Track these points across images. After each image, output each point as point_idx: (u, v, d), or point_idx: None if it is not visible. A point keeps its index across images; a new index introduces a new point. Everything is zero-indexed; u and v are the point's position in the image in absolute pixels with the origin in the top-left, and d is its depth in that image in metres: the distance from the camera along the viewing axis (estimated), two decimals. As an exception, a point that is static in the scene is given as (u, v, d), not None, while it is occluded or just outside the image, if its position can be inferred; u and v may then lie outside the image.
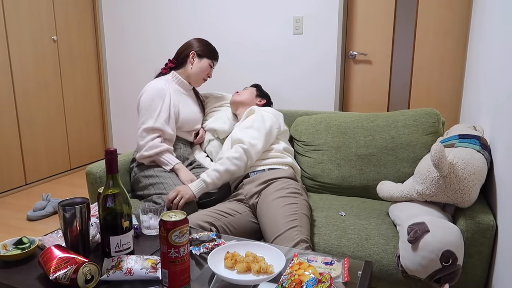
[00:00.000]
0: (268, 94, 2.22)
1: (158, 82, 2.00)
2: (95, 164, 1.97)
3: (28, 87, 3.39)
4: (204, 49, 2.08)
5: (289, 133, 2.06)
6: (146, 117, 1.92)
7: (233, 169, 1.75)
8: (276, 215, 1.56)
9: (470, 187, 1.44)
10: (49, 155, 3.63)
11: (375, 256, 1.55)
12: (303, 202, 1.66)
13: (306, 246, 1.46)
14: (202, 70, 2.07)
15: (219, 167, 1.74)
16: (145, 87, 2.00)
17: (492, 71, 1.82)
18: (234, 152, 1.76)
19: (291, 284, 0.96)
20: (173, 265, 1.02)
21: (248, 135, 1.82)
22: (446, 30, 2.93)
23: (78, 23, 3.79)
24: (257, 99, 2.15)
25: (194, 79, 2.09)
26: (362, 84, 3.21)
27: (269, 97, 2.22)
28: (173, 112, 1.97)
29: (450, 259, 1.33)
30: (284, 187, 1.70)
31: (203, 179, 1.73)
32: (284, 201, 1.62)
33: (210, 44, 2.12)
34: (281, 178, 1.75)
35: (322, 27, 3.12)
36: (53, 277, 1.02)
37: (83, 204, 1.16)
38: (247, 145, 1.78)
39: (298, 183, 1.77)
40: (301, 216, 1.57)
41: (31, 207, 2.98)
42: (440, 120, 1.99)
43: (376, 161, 1.98)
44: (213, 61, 2.10)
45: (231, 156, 1.75)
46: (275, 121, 1.93)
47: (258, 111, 1.96)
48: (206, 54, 2.08)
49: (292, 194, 1.66)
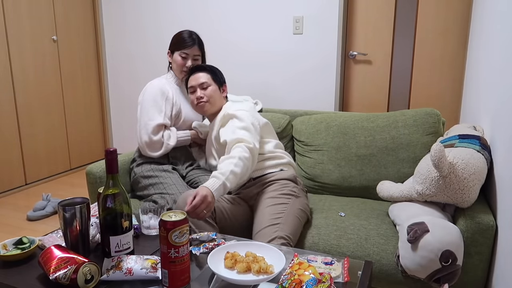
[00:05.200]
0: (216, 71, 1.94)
1: (159, 80, 2.01)
2: (95, 164, 1.97)
3: (28, 87, 3.39)
4: (171, 43, 2.04)
5: (270, 125, 1.91)
6: (153, 114, 1.92)
7: (245, 170, 1.56)
8: (262, 213, 1.58)
9: (470, 187, 1.44)
10: (49, 155, 3.63)
11: (375, 256, 1.55)
12: (296, 205, 1.64)
13: (282, 242, 1.45)
14: (177, 64, 2.02)
15: (236, 170, 1.51)
16: (146, 85, 2.00)
17: (492, 71, 1.82)
18: (244, 152, 1.57)
19: (291, 284, 0.96)
20: (173, 265, 1.02)
21: (245, 135, 1.66)
22: (446, 30, 2.93)
23: (78, 23, 3.79)
24: (222, 92, 1.92)
25: (178, 75, 2.05)
26: (362, 84, 3.21)
27: (220, 71, 1.96)
28: (175, 110, 1.98)
29: (450, 259, 1.33)
30: (279, 188, 1.68)
31: (225, 185, 1.47)
32: (273, 201, 1.62)
33: (179, 34, 2.04)
34: (279, 180, 1.72)
35: (322, 27, 3.12)
36: (53, 277, 1.02)
37: (83, 204, 1.16)
38: (252, 144, 1.62)
39: (297, 185, 1.74)
40: (288, 216, 1.56)
41: (31, 207, 2.98)
42: (441, 120, 1.99)
43: (376, 162, 1.98)
44: (182, 51, 1.99)
45: (243, 156, 1.55)
46: (254, 119, 1.77)
47: (232, 114, 1.76)
48: (174, 47, 2.02)
49: (284, 196, 1.65)
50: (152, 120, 1.91)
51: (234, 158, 1.53)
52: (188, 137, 2.02)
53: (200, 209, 1.39)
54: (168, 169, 1.93)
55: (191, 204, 1.38)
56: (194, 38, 2.02)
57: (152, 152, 1.93)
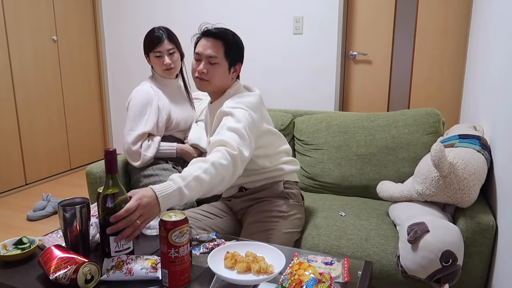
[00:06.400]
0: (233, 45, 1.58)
1: (145, 86, 1.96)
2: (95, 164, 1.97)
3: (28, 87, 3.39)
4: (144, 47, 1.98)
5: (280, 134, 1.69)
6: (135, 124, 1.88)
7: (217, 180, 1.27)
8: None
9: (470, 187, 1.44)
10: (49, 155, 3.63)
11: (375, 256, 1.55)
12: (283, 228, 1.54)
13: None
14: (155, 65, 1.97)
15: (204, 177, 1.23)
16: (132, 92, 1.96)
17: (492, 71, 1.82)
18: (222, 158, 1.29)
19: (291, 284, 0.96)
20: (173, 265, 1.02)
21: (231, 138, 1.37)
22: (446, 29, 2.93)
23: (78, 23, 3.79)
24: (232, 72, 1.58)
25: (162, 75, 1.99)
26: (362, 84, 3.21)
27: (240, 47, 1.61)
28: (165, 115, 1.94)
29: (450, 259, 1.33)
30: (268, 209, 1.57)
31: (181, 192, 1.18)
32: (258, 227, 1.54)
33: (147, 35, 1.96)
34: (269, 199, 1.60)
35: (322, 27, 3.12)
36: (53, 277, 1.02)
37: (83, 204, 1.16)
38: (236, 151, 1.33)
39: (288, 200, 1.61)
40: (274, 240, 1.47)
41: (31, 207, 2.98)
42: (441, 120, 1.99)
43: (376, 161, 1.98)
44: (154, 51, 1.92)
45: (218, 163, 1.27)
46: (251, 122, 1.48)
47: (228, 112, 1.47)
48: (147, 50, 1.96)
49: (273, 219, 1.55)
50: (133, 130, 1.88)
51: (206, 163, 1.26)
52: (173, 150, 1.94)
53: (131, 217, 1.08)
54: (169, 168, 1.93)
55: (124, 209, 1.09)
56: (161, 33, 1.93)
57: (132, 161, 1.91)
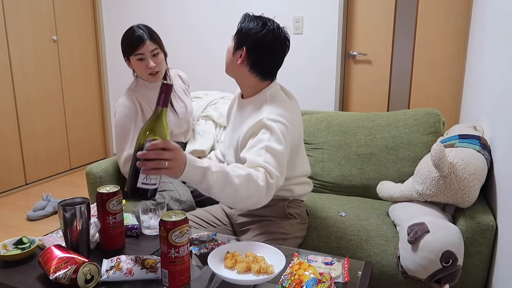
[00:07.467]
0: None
1: (128, 100, 1.84)
2: (95, 164, 1.97)
3: (28, 87, 3.38)
4: (122, 49, 1.82)
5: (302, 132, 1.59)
6: (123, 143, 1.82)
7: (243, 195, 1.18)
8: None
9: (470, 187, 1.44)
10: (49, 155, 3.63)
11: (375, 257, 1.55)
12: (286, 245, 1.46)
13: None
14: (138, 69, 1.82)
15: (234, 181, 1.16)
16: (116, 106, 1.87)
17: (492, 71, 1.82)
18: (260, 180, 1.20)
19: (291, 284, 0.96)
20: (173, 265, 1.02)
21: (271, 163, 1.26)
22: (446, 30, 2.92)
23: (78, 23, 3.79)
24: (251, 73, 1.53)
25: (146, 79, 1.86)
26: (362, 84, 3.21)
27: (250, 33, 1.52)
28: None
29: (450, 260, 1.33)
30: (270, 231, 1.49)
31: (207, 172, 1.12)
32: None
33: (125, 36, 1.80)
34: (272, 219, 1.52)
35: (322, 27, 3.12)
36: (53, 277, 1.02)
37: (83, 204, 1.16)
38: (274, 179, 1.24)
39: (290, 220, 1.53)
40: None
41: (31, 207, 2.98)
42: (441, 120, 1.99)
43: (376, 161, 1.98)
44: (136, 54, 1.75)
45: (254, 181, 1.19)
46: (291, 140, 1.39)
47: (270, 126, 1.34)
48: (127, 53, 1.80)
49: (275, 241, 1.44)
50: (121, 150, 1.84)
51: (243, 171, 1.19)
52: None
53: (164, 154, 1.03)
54: None
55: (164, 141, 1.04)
56: (142, 32, 1.75)
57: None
